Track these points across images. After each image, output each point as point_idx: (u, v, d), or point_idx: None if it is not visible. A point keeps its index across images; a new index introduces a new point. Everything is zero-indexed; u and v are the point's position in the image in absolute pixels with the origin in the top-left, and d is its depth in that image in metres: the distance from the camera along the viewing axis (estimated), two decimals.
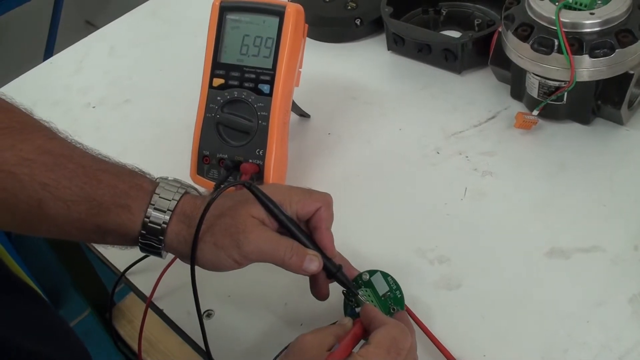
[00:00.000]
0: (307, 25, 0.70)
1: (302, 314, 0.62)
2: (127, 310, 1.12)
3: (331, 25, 0.91)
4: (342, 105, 0.82)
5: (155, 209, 0.54)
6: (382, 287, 0.57)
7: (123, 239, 0.55)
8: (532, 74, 0.71)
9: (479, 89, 0.81)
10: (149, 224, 0.54)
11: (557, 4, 0.68)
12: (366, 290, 0.57)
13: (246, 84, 0.69)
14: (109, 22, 1.06)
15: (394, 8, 0.85)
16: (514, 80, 0.76)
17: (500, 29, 0.74)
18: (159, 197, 0.54)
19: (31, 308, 0.54)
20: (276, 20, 0.68)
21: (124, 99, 0.90)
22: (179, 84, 0.89)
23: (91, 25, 2.06)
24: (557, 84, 0.70)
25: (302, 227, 0.56)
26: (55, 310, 0.67)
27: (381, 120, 0.80)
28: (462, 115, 0.78)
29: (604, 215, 0.65)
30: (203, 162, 0.71)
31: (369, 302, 0.56)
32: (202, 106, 0.70)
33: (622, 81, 0.68)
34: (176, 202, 0.55)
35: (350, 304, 0.57)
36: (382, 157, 0.76)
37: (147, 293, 0.66)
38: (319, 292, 0.58)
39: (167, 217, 0.54)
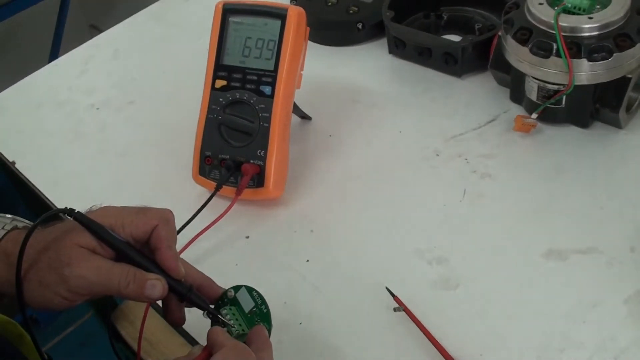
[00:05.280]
0: (308, 28, 0.71)
1: (301, 313, 0.63)
2: (129, 312, 1.12)
3: (333, 28, 0.92)
4: (343, 108, 0.83)
5: None
6: (247, 304, 0.52)
7: None
8: (531, 78, 0.72)
9: (478, 93, 0.81)
10: None
11: (556, 8, 0.69)
12: (231, 309, 0.52)
13: (248, 86, 0.69)
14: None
15: (395, 12, 0.86)
16: (514, 84, 0.77)
17: (500, 33, 0.75)
18: None
19: None
20: (278, 22, 0.69)
21: (128, 100, 0.91)
22: (181, 86, 0.90)
23: (95, 29, 2.07)
24: (556, 87, 0.70)
25: (144, 249, 0.50)
26: None
27: (382, 123, 0.80)
28: (462, 118, 0.79)
29: (601, 218, 0.66)
30: (205, 163, 0.71)
31: (231, 323, 0.51)
32: (205, 107, 0.71)
33: (620, 85, 0.69)
34: None
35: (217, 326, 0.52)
36: (383, 159, 0.76)
37: None
38: (172, 317, 0.52)
39: None
